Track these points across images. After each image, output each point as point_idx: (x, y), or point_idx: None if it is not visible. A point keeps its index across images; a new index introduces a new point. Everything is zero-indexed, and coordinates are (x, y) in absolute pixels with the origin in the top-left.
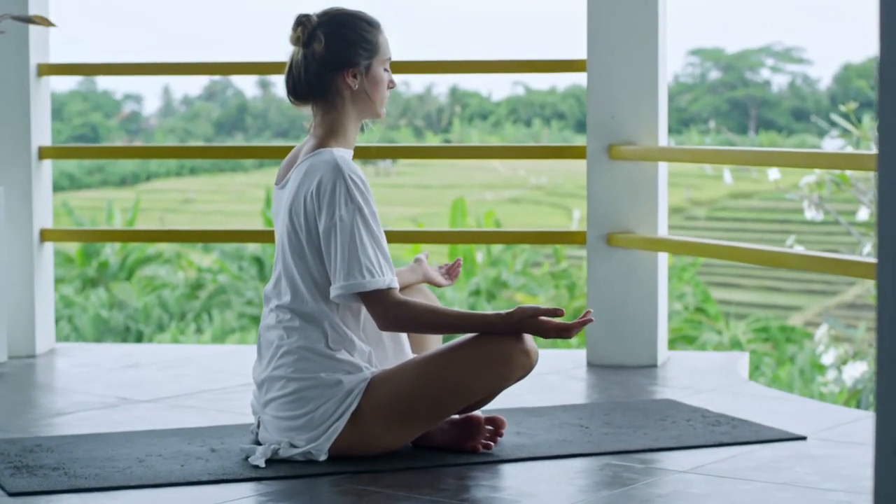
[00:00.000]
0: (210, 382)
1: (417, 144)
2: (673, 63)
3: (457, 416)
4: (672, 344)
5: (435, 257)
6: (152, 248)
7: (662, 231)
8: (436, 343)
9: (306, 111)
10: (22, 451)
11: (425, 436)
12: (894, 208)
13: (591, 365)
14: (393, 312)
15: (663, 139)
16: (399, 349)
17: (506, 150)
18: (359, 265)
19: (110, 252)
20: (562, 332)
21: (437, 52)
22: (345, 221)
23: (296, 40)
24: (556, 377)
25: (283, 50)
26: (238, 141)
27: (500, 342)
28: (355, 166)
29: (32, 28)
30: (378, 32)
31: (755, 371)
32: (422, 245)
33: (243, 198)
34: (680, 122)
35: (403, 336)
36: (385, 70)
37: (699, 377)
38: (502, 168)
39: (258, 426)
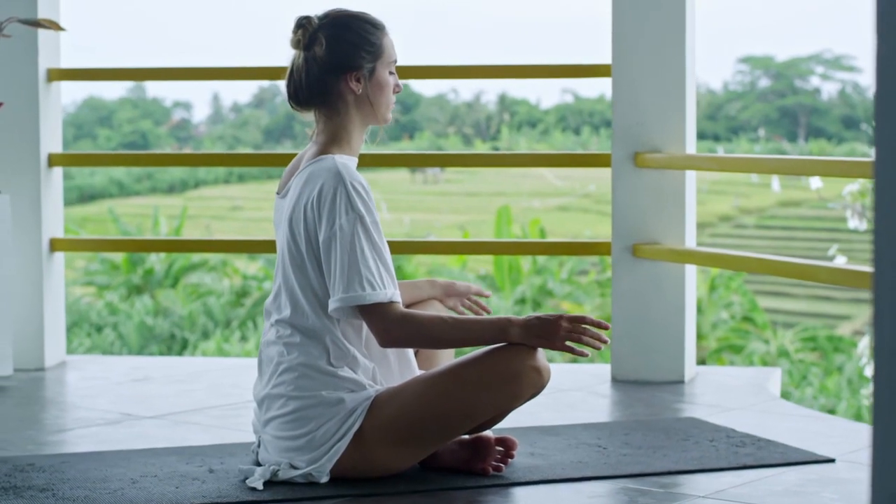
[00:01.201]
0: (219, 398)
1: (419, 152)
2: (722, 71)
3: (466, 437)
4: (718, 353)
5: (480, 264)
6: (198, 255)
7: (690, 242)
8: (446, 358)
9: (309, 117)
10: (12, 471)
11: (433, 456)
12: (891, 217)
13: (616, 381)
14: (396, 328)
15: (691, 147)
16: (405, 365)
17: (527, 157)
18: (358, 277)
19: (156, 259)
20: (576, 324)
21: (464, 57)
22: (345, 231)
23: (296, 43)
24: (578, 393)
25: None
26: (287, 148)
27: (510, 359)
28: (357, 174)
29: (42, 32)
30: (382, 34)
31: (802, 381)
32: (434, 256)
33: None
34: (730, 130)
35: (410, 352)
36: (390, 73)
37: (727, 394)
38: (550, 176)
39: (259, 446)
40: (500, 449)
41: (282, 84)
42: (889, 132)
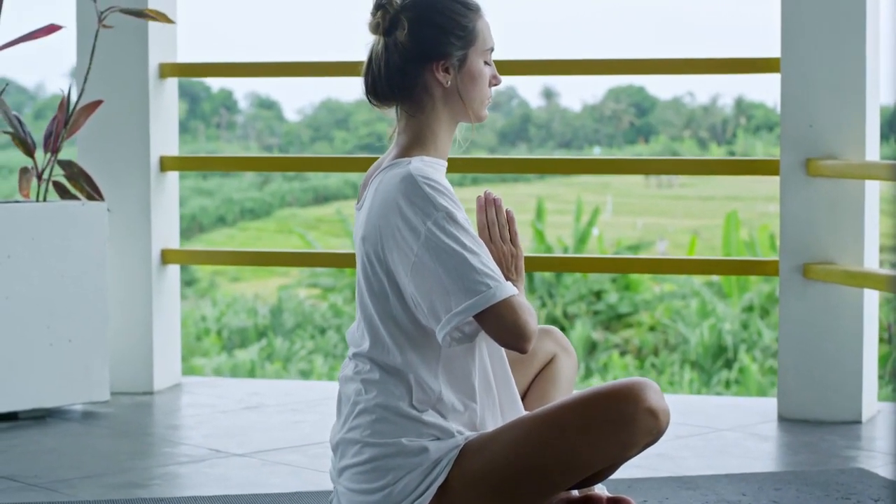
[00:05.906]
0: (326, 431)
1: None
2: None
3: (575, 493)
4: None
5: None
6: None
7: (871, 262)
8: (560, 396)
9: (391, 114)
10: None
11: None
12: None
13: (783, 419)
14: (531, 317)
15: (873, 153)
16: (510, 404)
17: (688, 163)
18: (477, 275)
19: None
20: None
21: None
22: (437, 234)
23: (375, 27)
24: (735, 434)
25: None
26: (521, 152)
27: (620, 400)
28: (435, 174)
29: (154, 25)
30: (476, 16)
31: None
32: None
33: (520, 209)
34: None
35: (515, 388)
36: (486, 63)
37: None
38: None
39: (334, 498)
40: None
41: (520, 88)
42: None
